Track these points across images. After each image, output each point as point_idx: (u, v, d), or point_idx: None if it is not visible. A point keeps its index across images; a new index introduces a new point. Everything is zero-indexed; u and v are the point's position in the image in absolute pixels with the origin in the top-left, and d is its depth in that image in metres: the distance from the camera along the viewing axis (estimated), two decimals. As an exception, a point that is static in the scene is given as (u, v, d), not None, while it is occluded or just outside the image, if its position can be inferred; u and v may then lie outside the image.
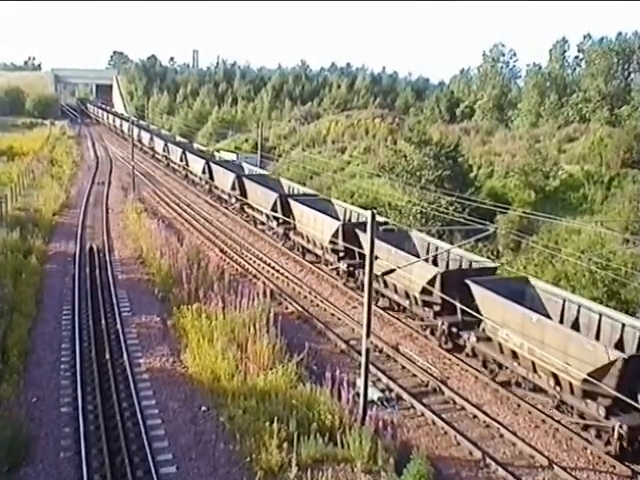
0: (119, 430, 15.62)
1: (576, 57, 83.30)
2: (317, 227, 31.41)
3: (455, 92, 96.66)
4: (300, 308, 26.40)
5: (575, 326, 19.23)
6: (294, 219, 34.03)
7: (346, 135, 74.41)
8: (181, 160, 61.20)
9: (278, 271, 31.73)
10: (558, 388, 17.77)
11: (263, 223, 39.37)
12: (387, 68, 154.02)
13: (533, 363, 18.38)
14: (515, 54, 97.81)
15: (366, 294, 16.54)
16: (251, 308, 22.05)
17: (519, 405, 18.79)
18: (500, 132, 64.90)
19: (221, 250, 35.34)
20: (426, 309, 23.43)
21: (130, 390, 17.90)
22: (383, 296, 26.24)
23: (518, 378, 19.36)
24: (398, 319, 25.10)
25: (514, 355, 19.14)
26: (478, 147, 56.66)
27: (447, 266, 24.54)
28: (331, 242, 29.95)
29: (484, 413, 18.25)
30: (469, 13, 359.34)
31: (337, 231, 29.57)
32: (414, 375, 20.74)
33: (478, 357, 20.95)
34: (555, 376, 17.66)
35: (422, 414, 18.26)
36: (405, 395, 19.19)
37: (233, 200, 44.79)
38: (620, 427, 15.84)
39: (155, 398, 17.89)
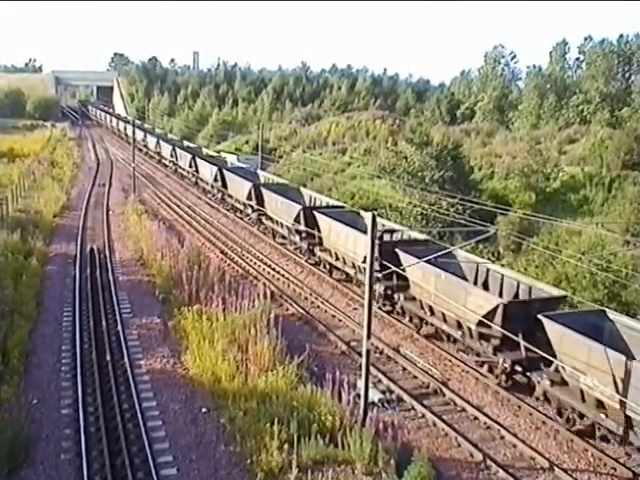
0: (120, 432, 15.60)
1: (577, 59, 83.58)
2: (349, 244, 28.47)
3: (456, 94, 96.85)
4: (301, 310, 26.39)
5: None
6: (320, 232, 31.61)
7: (347, 137, 74.52)
8: (190, 166, 57.70)
9: (279, 272, 31.72)
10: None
11: (284, 237, 36.12)
12: (388, 70, 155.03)
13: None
14: (515, 56, 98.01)
15: (366, 296, 16.53)
16: (252, 309, 22.03)
17: (520, 407, 18.76)
18: (501, 134, 64.99)
19: (222, 251, 35.34)
20: (484, 343, 20.78)
21: (131, 392, 17.88)
22: (427, 323, 23.78)
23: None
24: (399, 321, 25.09)
25: (599, 404, 16.59)
26: (479, 149, 56.74)
27: (506, 295, 22.06)
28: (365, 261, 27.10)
29: (485, 415, 18.23)
30: (469, 15, 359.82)
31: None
32: (415, 377, 20.73)
33: (551, 403, 18.42)
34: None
35: (423, 416, 18.24)
36: (406, 396, 19.17)
37: (249, 211, 41.58)
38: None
39: (156, 400, 17.88)
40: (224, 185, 47.27)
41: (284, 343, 20.20)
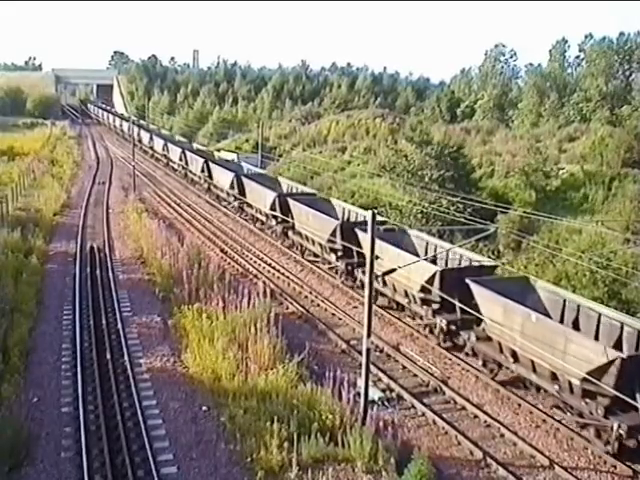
0: (120, 430, 15.61)
1: (577, 57, 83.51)
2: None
3: (456, 92, 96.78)
4: (301, 308, 26.40)
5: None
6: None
7: (347, 135, 74.47)
8: (202, 171, 53.91)
9: (279, 271, 31.73)
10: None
11: (316, 255, 32.98)
12: (388, 68, 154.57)
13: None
14: (516, 54, 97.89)
15: (366, 294, 16.54)
16: (252, 308, 22.06)
17: (520, 405, 18.77)
18: (501, 132, 64.91)
19: (222, 250, 35.35)
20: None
21: (131, 390, 17.89)
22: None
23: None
24: (399, 319, 25.10)
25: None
26: (479, 147, 56.66)
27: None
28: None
29: (485, 413, 18.24)
30: (469, 13, 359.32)
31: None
32: (415, 375, 20.73)
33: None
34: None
35: (423, 414, 18.25)
36: (406, 395, 19.18)
37: (273, 222, 37.88)
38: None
39: (156, 398, 17.88)
40: (242, 193, 43.51)
41: (284, 342, 20.24)
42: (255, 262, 33.27)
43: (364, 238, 25.57)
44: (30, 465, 14.56)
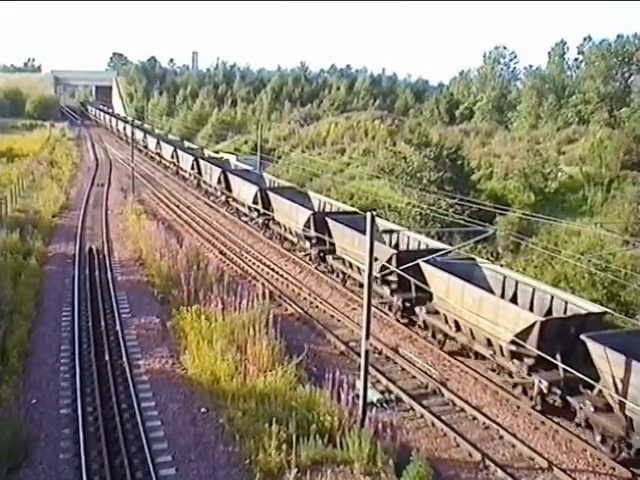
0: (118, 432, 15.62)
1: (576, 59, 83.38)
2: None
3: (454, 94, 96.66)
4: (299, 310, 26.41)
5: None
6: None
7: (345, 137, 74.35)
8: (219, 182, 48.73)
9: (277, 272, 31.74)
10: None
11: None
12: (387, 70, 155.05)
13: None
14: (516, 56, 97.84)
15: (365, 296, 16.55)
16: (250, 310, 22.05)
17: (518, 407, 18.78)
18: (499, 134, 64.83)
19: (220, 252, 35.35)
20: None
21: (129, 392, 17.89)
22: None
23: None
24: (397, 320, 25.11)
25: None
26: (478, 149, 56.62)
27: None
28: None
29: (484, 415, 18.25)
30: (467, 15, 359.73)
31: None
32: (413, 377, 20.74)
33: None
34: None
35: (422, 416, 18.25)
36: (405, 397, 19.18)
37: (307, 245, 33.38)
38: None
39: (154, 400, 17.89)
40: (265, 206, 38.58)
41: (283, 343, 20.26)
42: (254, 264, 33.27)
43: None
44: (29, 467, 14.55)
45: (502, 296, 21.74)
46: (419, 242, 27.71)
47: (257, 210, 39.81)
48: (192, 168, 52.55)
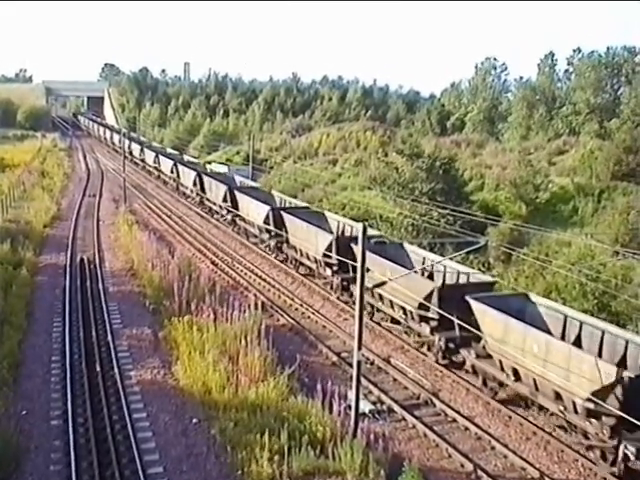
0: (109, 443, 15.54)
1: (566, 70, 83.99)
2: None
3: (446, 105, 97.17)
4: (292, 320, 26.38)
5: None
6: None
7: (337, 147, 74.62)
8: (225, 200, 44.45)
9: (269, 283, 31.71)
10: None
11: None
12: (378, 81, 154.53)
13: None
14: (507, 67, 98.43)
15: (357, 306, 16.54)
16: (242, 320, 22.02)
17: (510, 417, 18.78)
18: (491, 145, 65.25)
19: (212, 262, 35.30)
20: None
21: (121, 403, 17.82)
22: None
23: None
24: (389, 331, 25.10)
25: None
26: (469, 160, 56.89)
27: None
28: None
29: (476, 425, 18.24)
30: (459, 27, 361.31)
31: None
32: (405, 387, 20.73)
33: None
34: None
35: (414, 426, 18.23)
36: (397, 407, 19.16)
37: (328, 272, 30.05)
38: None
39: (146, 411, 17.82)
40: (279, 229, 35.13)
41: (275, 354, 20.25)
42: (246, 274, 33.23)
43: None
44: (19, 478, 14.48)
45: (562, 337, 19.18)
46: (458, 273, 24.32)
47: (269, 231, 36.18)
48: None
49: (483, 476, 15.73)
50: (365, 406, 18.60)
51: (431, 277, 24.96)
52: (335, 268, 29.20)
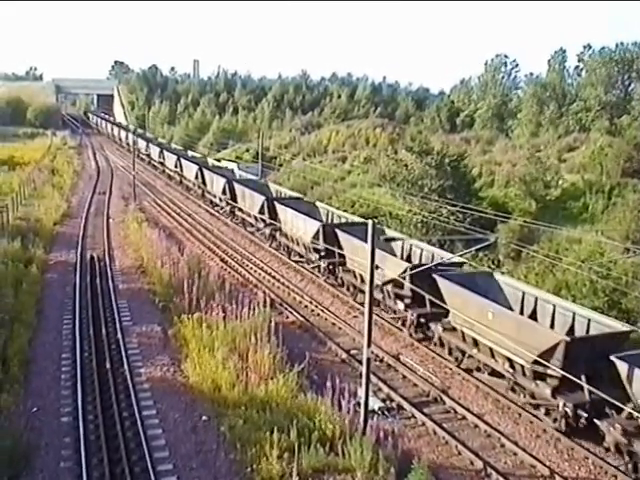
0: (120, 440, 15.59)
1: (576, 67, 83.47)
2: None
3: (455, 102, 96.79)
4: (301, 317, 26.39)
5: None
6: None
7: (347, 145, 74.57)
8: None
9: (279, 280, 31.73)
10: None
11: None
12: (388, 78, 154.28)
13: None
14: (517, 64, 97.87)
15: (367, 304, 16.53)
16: (252, 318, 22.02)
17: (520, 415, 18.74)
18: (500, 141, 65.01)
19: (222, 260, 35.35)
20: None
21: (131, 400, 17.87)
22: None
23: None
24: (399, 329, 25.08)
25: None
26: (478, 156, 56.73)
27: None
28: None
29: (485, 423, 18.22)
30: (469, 24, 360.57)
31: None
32: (415, 385, 20.72)
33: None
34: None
35: (423, 424, 18.22)
36: (406, 405, 19.16)
37: (391, 304, 26.19)
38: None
39: (156, 408, 17.86)
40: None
41: (284, 351, 20.22)
42: (255, 271, 33.27)
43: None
44: (29, 475, 14.54)
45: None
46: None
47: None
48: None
49: (493, 473, 15.70)
50: (374, 403, 18.60)
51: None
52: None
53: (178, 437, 16.38)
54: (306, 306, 28.17)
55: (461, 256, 25.11)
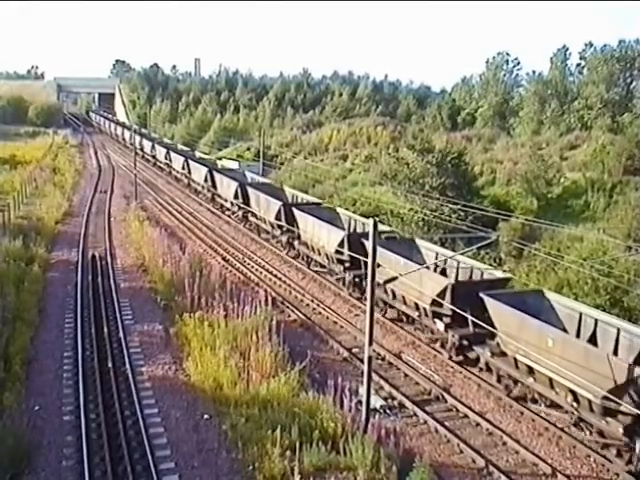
0: (121, 438, 15.60)
1: (578, 65, 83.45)
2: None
3: (457, 100, 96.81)
4: (302, 316, 26.39)
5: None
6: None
7: (348, 143, 74.56)
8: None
9: (280, 279, 31.72)
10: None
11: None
12: (389, 76, 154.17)
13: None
14: (519, 62, 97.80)
15: (368, 302, 16.53)
16: (253, 316, 22.04)
17: (522, 413, 18.73)
18: (502, 140, 65.02)
19: (223, 258, 35.34)
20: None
21: (132, 398, 17.87)
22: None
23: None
24: (401, 327, 25.06)
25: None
26: (480, 155, 56.72)
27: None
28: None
29: (487, 421, 18.20)
30: (470, 22, 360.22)
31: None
32: (417, 383, 20.70)
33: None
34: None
35: (425, 422, 18.21)
36: (408, 403, 19.15)
37: (427, 323, 24.23)
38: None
39: (157, 406, 17.86)
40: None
41: (286, 350, 20.21)
42: (257, 270, 33.26)
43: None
44: (31, 474, 14.54)
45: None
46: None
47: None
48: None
49: (495, 472, 15.69)
50: (376, 402, 18.60)
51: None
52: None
53: (180, 436, 16.38)
54: (307, 304, 28.15)
55: (462, 254, 25.06)
